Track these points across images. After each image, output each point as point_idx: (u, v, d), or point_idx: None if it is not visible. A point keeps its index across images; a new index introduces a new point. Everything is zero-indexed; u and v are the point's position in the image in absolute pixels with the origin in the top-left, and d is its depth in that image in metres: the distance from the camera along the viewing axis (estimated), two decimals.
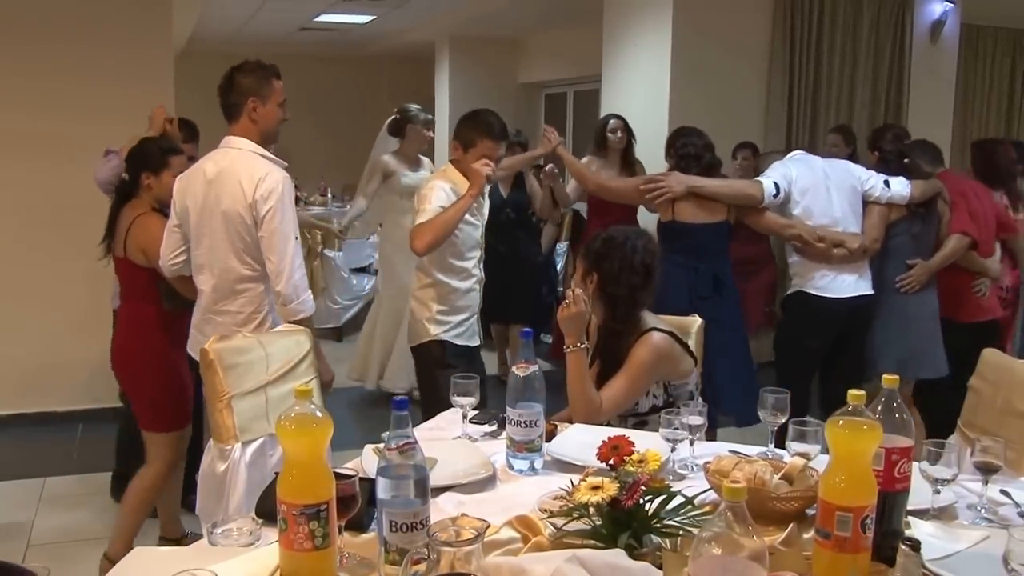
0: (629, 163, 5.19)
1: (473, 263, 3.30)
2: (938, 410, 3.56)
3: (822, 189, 3.76)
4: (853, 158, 4.75)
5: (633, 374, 2.45)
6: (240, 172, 2.74)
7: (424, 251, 3.08)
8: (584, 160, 5.21)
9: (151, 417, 3.08)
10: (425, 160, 5.22)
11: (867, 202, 3.82)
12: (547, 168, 5.16)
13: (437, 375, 3.07)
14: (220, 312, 2.83)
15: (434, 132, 5.57)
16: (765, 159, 4.28)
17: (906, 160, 3.99)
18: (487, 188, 3.29)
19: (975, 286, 4.09)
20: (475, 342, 3.34)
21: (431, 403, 2.97)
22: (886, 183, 3.81)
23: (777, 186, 3.70)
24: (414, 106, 5.06)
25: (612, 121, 5.20)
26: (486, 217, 3.39)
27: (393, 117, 5.08)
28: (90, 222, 4.73)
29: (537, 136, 5.72)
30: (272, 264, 2.72)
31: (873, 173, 3.88)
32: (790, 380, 3.84)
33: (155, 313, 3.09)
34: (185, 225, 2.89)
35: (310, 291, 2.81)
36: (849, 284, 3.75)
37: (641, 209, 4.61)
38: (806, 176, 3.77)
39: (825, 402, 3.90)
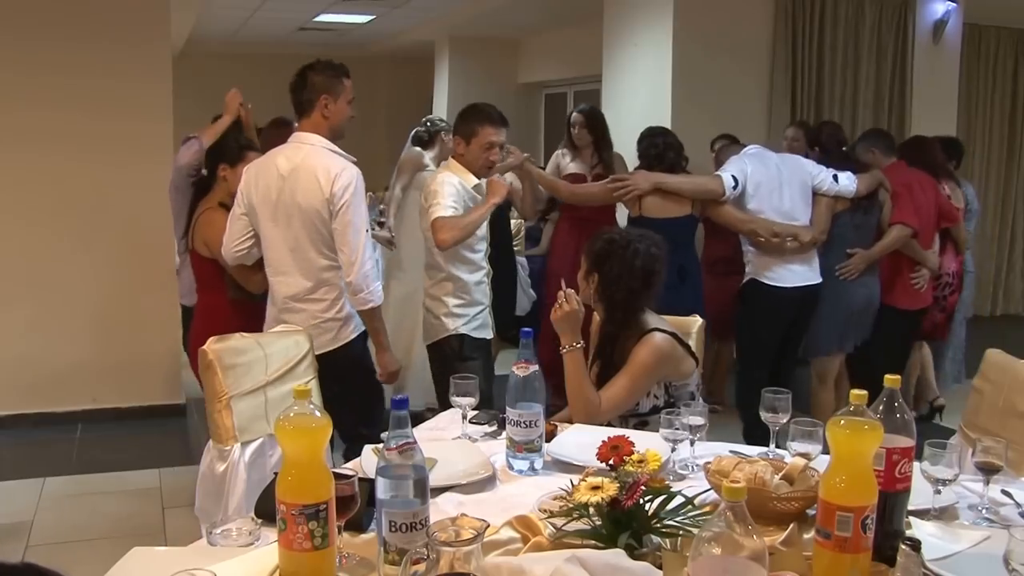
0: (602, 158, 4.95)
1: (481, 255, 3.40)
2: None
3: (775, 184, 3.98)
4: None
5: (634, 375, 2.44)
6: (316, 168, 2.86)
7: (448, 245, 3.17)
8: (556, 153, 5.19)
9: None
10: None
11: (816, 194, 4.04)
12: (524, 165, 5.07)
13: (457, 369, 3.09)
14: (305, 300, 2.95)
15: None
16: (724, 151, 4.48)
17: (844, 149, 4.30)
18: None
19: (914, 278, 4.33)
20: (489, 335, 3.44)
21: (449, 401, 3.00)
22: (835, 177, 4.04)
23: (735, 179, 3.91)
24: (437, 117, 5.09)
25: (573, 115, 5.07)
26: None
27: (420, 129, 5.01)
28: (89, 220, 4.78)
29: (537, 136, 5.72)
30: (344, 255, 2.86)
31: (823, 168, 4.09)
32: (751, 366, 4.14)
33: (226, 301, 3.22)
34: (253, 216, 2.99)
35: (379, 282, 2.95)
36: (800, 274, 3.99)
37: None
38: (759, 171, 3.98)
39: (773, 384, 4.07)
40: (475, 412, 2.27)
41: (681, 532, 1.50)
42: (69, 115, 4.68)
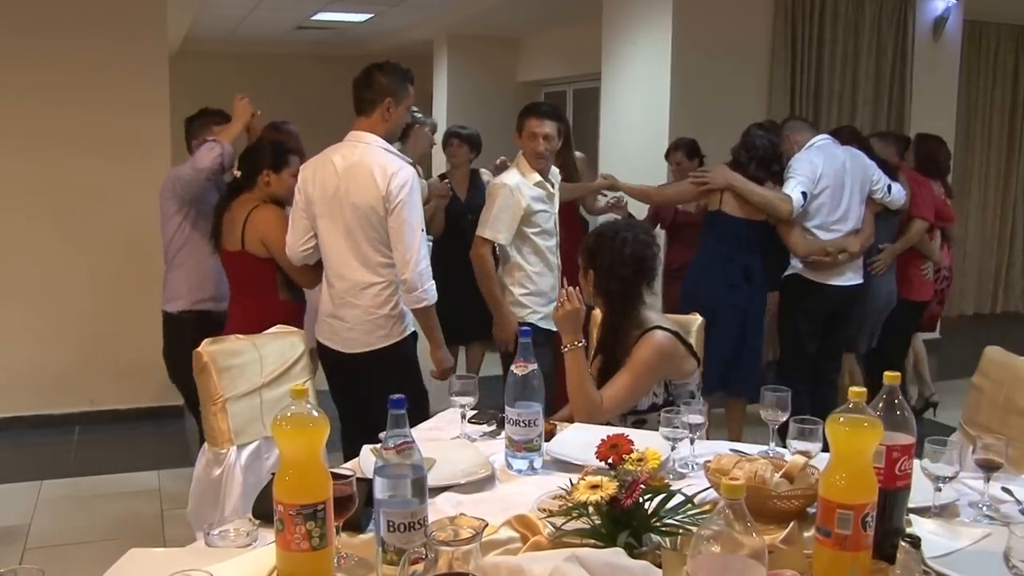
0: (567, 163, 4.70)
1: (552, 246, 3.62)
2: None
3: (839, 182, 3.98)
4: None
5: (636, 373, 2.43)
6: (373, 166, 2.87)
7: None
8: (519, 154, 5.15)
9: None
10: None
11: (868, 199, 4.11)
12: (499, 161, 4.93)
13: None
14: (360, 295, 2.95)
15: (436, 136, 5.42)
16: (795, 130, 4.20)
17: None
18: (553, 173, 3.70)
19: (923, 268, 4.52)
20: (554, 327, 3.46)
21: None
22: (888, 187, 4.11)
23: (805, 195, 3.89)
24: (415, 108, 4.98)
25: None
26: (557, 205, 3.69)
27: None
28: (87, 220, 4.77)
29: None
30: (399, 254, 2.88)
31: (883, 174, 4.13)
32: (791, 359, 4.21)
33: (277, 304, 3.14)
34: (310, 212, 2.99)
35: (433, 281, 2.94)
36: (844, 274, 4.05)
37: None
38: (827, 170, 3.96)
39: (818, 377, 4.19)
40: (474, 412, 2.26)
41: (681, 531, 1.50)
42: (65, 113, 4.67)
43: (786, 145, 4.10)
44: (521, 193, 3.51)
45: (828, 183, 3.94)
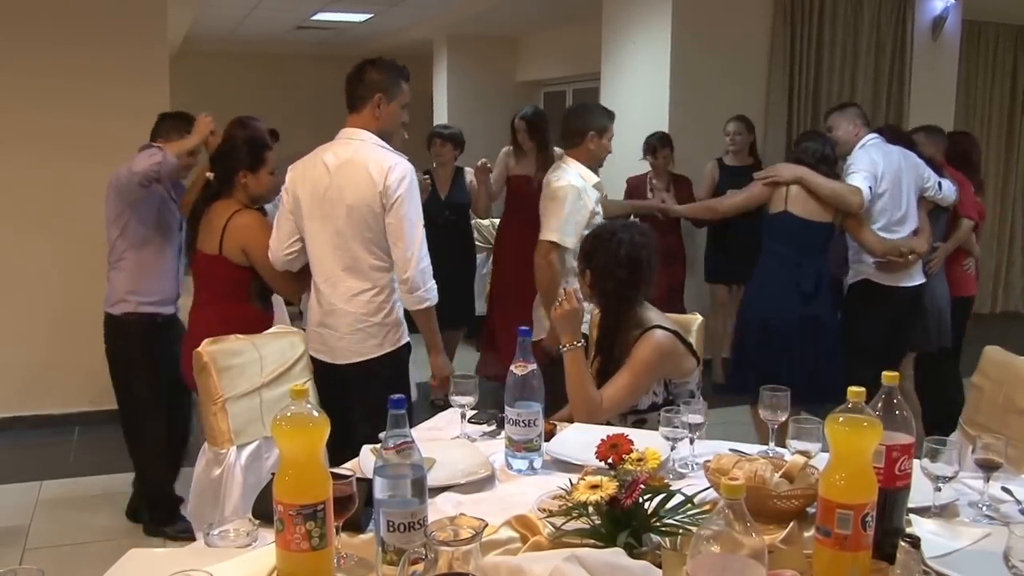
0: (546, 164, 4.85)
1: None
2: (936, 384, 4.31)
3: (897, 182, 3.93)
4: (753, 146, 5.41)
5: (636, 372, 2.43)
6: (368, 162, 2.74)
7: None
8: (503, 151, 5.21)
9: None
10: None
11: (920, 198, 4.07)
12: (480, 163, 5.04)
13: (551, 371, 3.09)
14: (351, 302, 2.80)
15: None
16: (842, 115, 4.10)
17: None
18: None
19: (965, 264, 4.54)
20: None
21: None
22: (939, 184, 4.08)
23: (871, 189, 3.81)
24: None
25: (516, 121, 5.06)
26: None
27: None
28: (88, 222, 4.73)
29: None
30: (399, 251, 2.73)
31: (932, 172, 4.09)
32: (859, 366, 4.04)
33: (247, 313, 3.02)
34: (298, 214, 2.86)
35: (434, 280, 2.81)
36: (909, 274, 4.01)
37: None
38: (888, 170, 3.89)
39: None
40: (474, 411, 2.26)
41: (680, 531, 1.50)
42: (66, 119, 4.66)
43: (844, 132, 4.00)
44: (588, 196, 3.46)
45: (888, 184, 3.87)
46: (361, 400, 2.76)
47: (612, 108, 5.74)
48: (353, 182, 2.74)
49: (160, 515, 3.51)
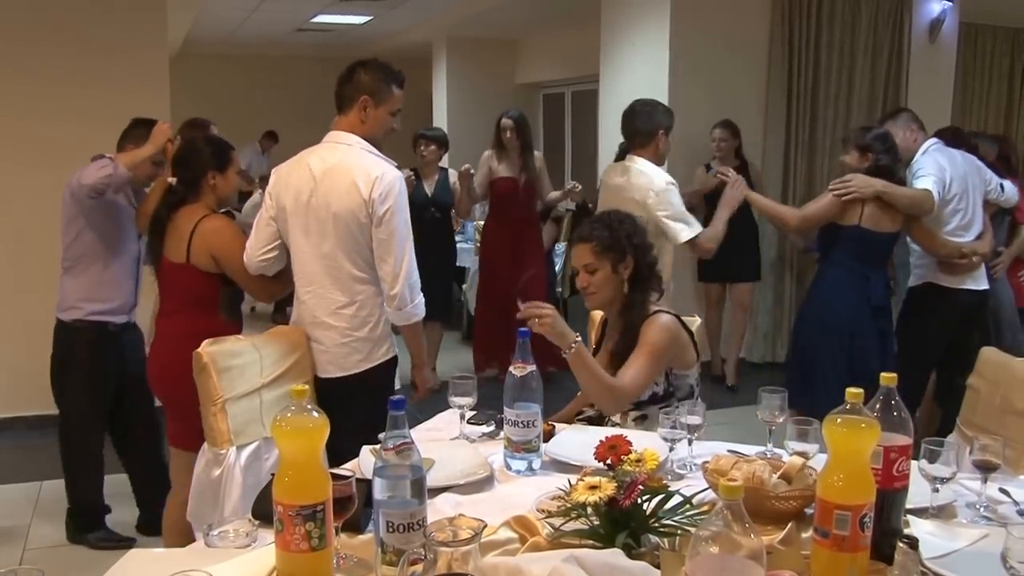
0: (527, 165, 5.22)
1: None
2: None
3: (965, 187, 3.90)
4: (739, 149, 5.39)
5: (651, 352, 2.38)
6: (353, 168, 2.61)
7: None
8: (485, 155, 5.29)
9: (193, 435, 2.61)
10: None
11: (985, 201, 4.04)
12: (463, 168, 5.13)
13: None
14: (336, 315, 2.68)
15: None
16: (894, 123, 3.97)
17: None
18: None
19: (1020, 274, 4.41)
20: None
21: None
22: (1001, 186, 4.08)
23: (939, 193, 3.74)
24: None
25: (503, 120, 5.21)
26: None
27: None
28: None
29: (536, 137, 5.68)
30: (388, 267, 2.62)
31: (994, 175, 4.07)
32: (916, 367, 4.01)
33: (216, 323, 2.83)
34: (282, 221, 2.74)
35: (422, 295, 2.71)
36: (974, 278, 3.96)
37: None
38: (955, 175, 3.85)
39: (943, 392, 4.12)
40: (473, 412, 2.26)
41: (679, 531, 1.50)
42: (66, 124, 4.64)
43: (901, 139, 3.87)
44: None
45: (957, 189, 3.83)
46: (345, 414, 2.65)
47: (611, 110, 5.81)
48: (338, 190, 2.61)
49: (85, 522, 3.48)
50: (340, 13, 8.12)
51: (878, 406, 1.50)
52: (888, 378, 1.53)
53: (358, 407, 2.47)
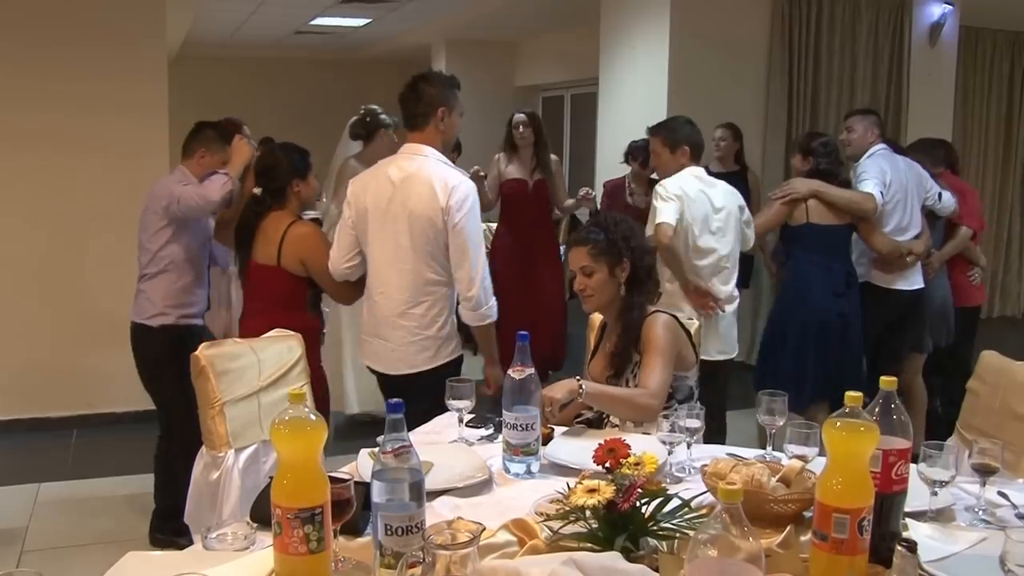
0: (543, 162, 5.15)
1: None
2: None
3: (903, 191, 4.08)
4: (740, 153, 5.40)
5: (661, 350, 2.37)
6: (432, 177, 2.78)
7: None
8: (496, 157, 5.25)
9: None
10: None
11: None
12: (474, 170, 5.03)
13: None
14: (406, 315, 2.83)
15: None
16: (863, 119, 4.23)
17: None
18: None
19: (971, 274, 4.61)
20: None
21: None
22: (939, 195, 4.25)
23: (882, 195, 3.97)
24: (379, 108, 4.74)
25: (516, 116, 5.16)
26: None
27: (358, 118, 4.67)
28: (87, 223, 4.76)
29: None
30: (464, 271, 2.77)
31: (934, 184, 4.25)
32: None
33: (303, 320, 3.02)
34: (361, 225, 2.89)
35: (495, 297, 2.85)
36: (908, 279, 4.17)
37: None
38: (894, 178, 4.06)
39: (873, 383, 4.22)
40: (472, 415, 2.26)
41: (678, 535, 1.50)
42: (65, 117, 4.66)
43: (860, 135, 4.16)
44: None
45: (896, 193, 4.04)
46: (413, 412, 2.70)
47: (610, 113, 5.82)
48: (416, 194, 2.78)
49: (177, 525, 3.43)
50: (339, 16, 8.12)
51: (877, 410, 1.51)
52: (888, 382, 1.53)
53: (426, 403, 2.53)
